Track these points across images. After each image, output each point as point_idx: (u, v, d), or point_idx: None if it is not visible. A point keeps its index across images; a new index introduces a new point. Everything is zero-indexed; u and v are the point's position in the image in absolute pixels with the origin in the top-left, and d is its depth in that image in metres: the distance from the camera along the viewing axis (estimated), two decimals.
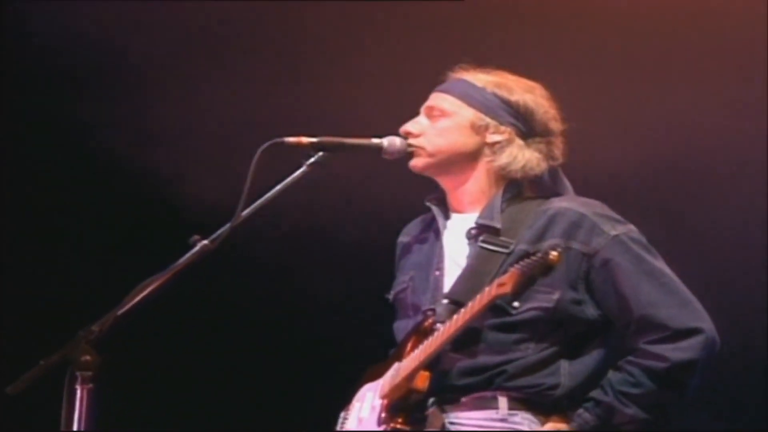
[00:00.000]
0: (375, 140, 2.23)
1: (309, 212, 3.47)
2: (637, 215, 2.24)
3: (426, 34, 3.42)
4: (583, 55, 3.28)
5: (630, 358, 2.09)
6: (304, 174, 2.16)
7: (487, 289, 2.01)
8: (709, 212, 3.26)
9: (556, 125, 2.25)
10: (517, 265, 1.99)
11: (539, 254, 1.97)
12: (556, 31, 3.32)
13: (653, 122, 3.29)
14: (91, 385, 1.93)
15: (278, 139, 2.16)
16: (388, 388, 2.11)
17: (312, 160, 2.16)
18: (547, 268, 1.95)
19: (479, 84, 2.24)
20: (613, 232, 2.13)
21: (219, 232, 2.10)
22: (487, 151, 2.22)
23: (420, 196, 2.35)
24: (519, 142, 2.21)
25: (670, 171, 3.28)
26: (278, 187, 2.15)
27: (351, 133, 2.25)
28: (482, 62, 2.30)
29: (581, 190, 2.29)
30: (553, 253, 1.94)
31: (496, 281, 2.00)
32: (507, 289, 1.97)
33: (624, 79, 3.27)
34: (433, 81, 2.33)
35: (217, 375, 3.72)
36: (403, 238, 2.42)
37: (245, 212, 2.11)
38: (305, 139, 2.17)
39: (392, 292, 2.35)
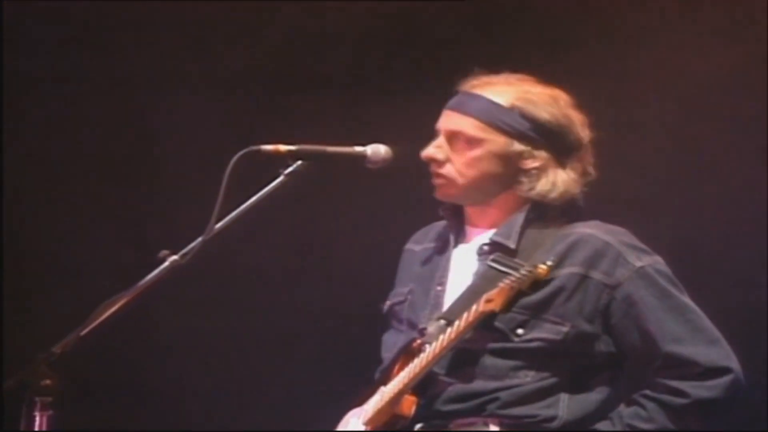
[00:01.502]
0: (358, 148, 2.09)
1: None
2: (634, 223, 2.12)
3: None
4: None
5: (646, 391, 1.96)
6: (281, 184, 2.03)
7: (474, 306, 1.89)
8: (708, 214, 3.15)
9: (586, 134, 2.08)
10: (506, 280, 1.87)
11: (527, 268, 1.86)
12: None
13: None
14: (51, 412, 1.80)
15: (254, 147, 2.02)
16: (372, 413, 1.98)
17: (290, 169, 2.02)
18: (536, 282, 1.85)
19: (504, 103, 2.05)
20: (639, 264, 1.99)
21: (190, 246, 1.97)
22: (523, 178, 2.05)
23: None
24: (554, 165, 2.05)
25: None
26: (253, 198, 2.01)
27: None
28: (492, 67, 2.14)
29: None
30: (542, 267, 1.84)
31: (484, 297, 1.88)
32: (494, 305, 1.86)
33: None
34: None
35: (208, 393, 3.60)
36: (411, 246, 2.25)
37: (218, 225, 1.98)
38: (283, 147, 2.03)
39: (387, 303, 2.19)
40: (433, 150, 2.08)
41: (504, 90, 2.08)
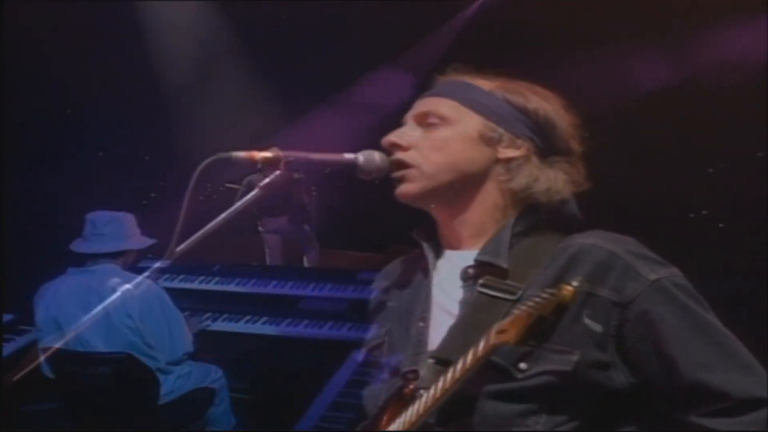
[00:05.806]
0: (348, 156, 1.76)
1: None
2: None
3: None
4: None
5: None
6: (257, 198, 1.71)
7: (483, 338, 1.53)
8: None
9: (576, 144, 1.78)
10: (522, 306, 1.50)
11: (549, 291, 1.50)
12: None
13: None
14: None
15: (224, 154, 1.68)
16: None
17: (266, 180, 1.70)
18: (559, 308, 1.48)
19: (485, 87, 1.77)
20: (653, 276, 1.64)
21: (146, 273, 1.66)
22: (499, 168, 1.75)
23: None
24: (536, 160, 1.75)
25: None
26: (223, 215, 1.69)
27: None
28: (478, 65, 1.82)
29: None
30: (568, 288, 1.47)
31: (495, 327, 1.51)
32: (508, 337, 1.49)
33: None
34: None
35: None
36: (381, 282, 1.93)
37: (181, 247, 1.66)
38: (258, 154, 1.70)
39: (364, 349, 1.87)
40: (396, 135, 1.77)
41: (487, 80, 1.80)
